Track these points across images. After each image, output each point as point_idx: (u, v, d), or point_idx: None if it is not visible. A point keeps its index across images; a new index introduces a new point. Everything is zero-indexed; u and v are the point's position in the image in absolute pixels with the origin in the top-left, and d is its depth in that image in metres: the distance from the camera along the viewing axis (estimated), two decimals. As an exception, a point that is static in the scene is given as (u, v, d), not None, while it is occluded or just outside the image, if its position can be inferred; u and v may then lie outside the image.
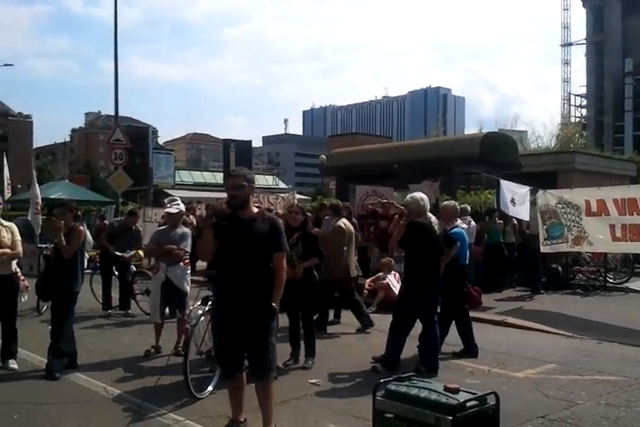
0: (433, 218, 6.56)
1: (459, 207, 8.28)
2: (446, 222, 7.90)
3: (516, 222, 12.86)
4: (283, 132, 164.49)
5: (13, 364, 6.42)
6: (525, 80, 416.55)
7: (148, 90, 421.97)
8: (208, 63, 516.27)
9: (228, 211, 4.52)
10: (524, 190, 11.17)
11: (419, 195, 6.65)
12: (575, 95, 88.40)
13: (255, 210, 4.56)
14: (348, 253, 8.59)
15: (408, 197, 6.82)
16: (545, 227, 10.76)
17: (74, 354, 6.48)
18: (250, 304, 4.34)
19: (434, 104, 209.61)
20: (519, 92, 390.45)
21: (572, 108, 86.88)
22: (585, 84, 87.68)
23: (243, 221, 4.45)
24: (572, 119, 69.87)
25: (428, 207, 6.62)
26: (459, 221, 11.18)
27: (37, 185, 14.80)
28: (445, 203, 8.36)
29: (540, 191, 10.96)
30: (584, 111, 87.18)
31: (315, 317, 7.31)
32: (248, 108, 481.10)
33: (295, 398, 5.40)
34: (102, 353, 7.17)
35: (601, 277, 13.12)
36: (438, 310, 6.79)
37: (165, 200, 9.64)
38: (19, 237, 6.50)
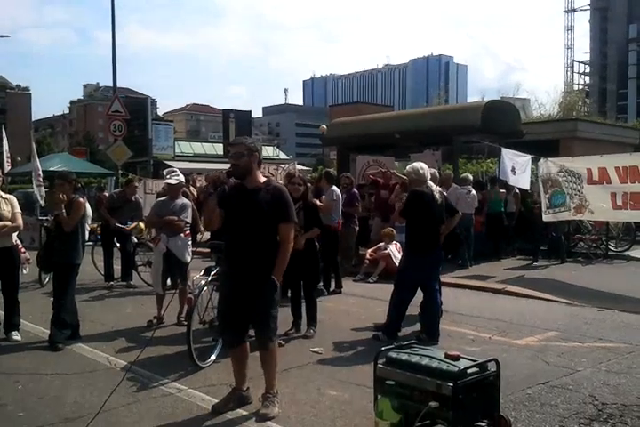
0: (434, 187, 6.53)
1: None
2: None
3: (517, 191, 12.83)
4: (283, 102, 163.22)
5: (16, 335, 6.46)
6: (528, 47, 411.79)
7: (147, 60, 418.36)
8: (206, 32, 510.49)
9: (226, 180, 4.47)
10: (525, 159, 11.09)
11: (418, 164, 6.62)
12: (578, 62, 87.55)
13: (262, 180, 4.49)
14: None
15: (408, 167, 6.79)
16: (547, 195, 10.72)
17: (76, 325, 6.52)
18: (253, 275, 4.32)
19: (436, 72, 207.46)
20: (522, 60, 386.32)
21: (576, 76, 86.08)
22: (589, 51, 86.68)
23: (246, 191, 4.39)
24: (575, 87, 69.12)
25: (429, 176, 6.58)
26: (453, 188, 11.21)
27: (37, 157, 14.73)
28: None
29: (542, 160, 10.88)
30: (587, 78, 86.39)
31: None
32: (248, 78, 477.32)
33: (297, 367, 5.44)
34: (105, 324, 7.21)
35: (602, 246, 13.13)
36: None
37: (164, 171, 9.61)
38: (19, 210, 6.49)
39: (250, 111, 27.86)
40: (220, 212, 4.42)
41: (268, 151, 45.82)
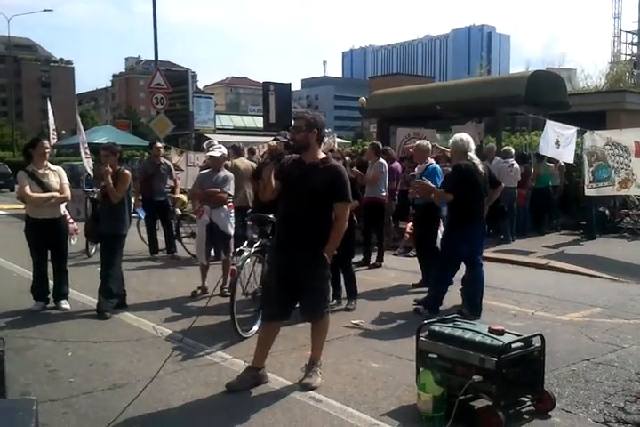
0: (476, 158, 6.38)
1: (430, 146, 8.12)
2: (419, 162, 7.80)
3: (563, 164, 12.55)
4: (322, 74, 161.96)
5: (65, 304, 6.64)
6: (574, 17, 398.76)
7: (187, 34, 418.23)
8: (243, 4, 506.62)
9: (283, 151, 4.43)
10: (570, 131, 10.81)
11: (458, 136, 6.46)
12: (626, 32, 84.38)
13: (321, 156, 4.44)
14: None
15: (449, 140, 6.66)
16: (591, 169, 10.46)
17: (123, 295, 6.67)
18: (304, 250, 4.31)
19: (478, 43, 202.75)
20: (568, 30, 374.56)
21: (623, 46, 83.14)
22: (637, 21, 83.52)
23: (304, 166, 4.36)
24: (623, 57, 66.83)
25: (472, 147, 6.42)
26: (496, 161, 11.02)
27: (83, 130, 14.94)
28: (418, 142, 8.20)
29: (588, 132, 10.60)
30: (635, 49, 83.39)
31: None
32: (286, 50, 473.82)
33: (339, 338, 5.48)
34: (150, 294, 7.37)
35: (650, 221, 12.82)
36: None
37: (204, 144, 9.65)
38: (66, 181, 6.61)
39: (290, 84, 27.57)
40: (275, 183, 4.40)
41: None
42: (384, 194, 9.25)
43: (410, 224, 10.71)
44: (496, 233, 11.50)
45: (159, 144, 10.97)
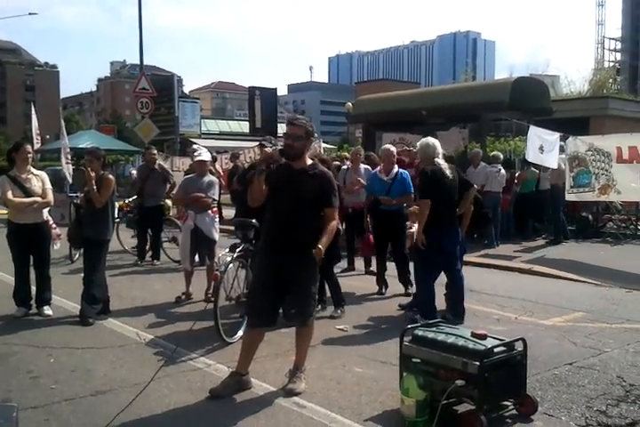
0: (443, 163, 6.27)
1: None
2: (387, 167, 7.75)
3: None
4: (308, 79, 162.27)
5: (48, 310, 6.59)
6: (558, 23, 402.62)
7: (173, 38, 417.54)
8: (232, 9, 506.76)
9: (279, 158, 4.45)
10: (554, 137, 10.89)
11: (425, 140, 6.33)
12: (609, 39, 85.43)
13: (309, 162, 4.47)
14: None
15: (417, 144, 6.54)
16: (572, 174, 10.55)
17: (106, 300, 6.62)
18: (292, 254, 4.31)
19: (463, 49, 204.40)
20: (551, 36, 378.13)
21: (606, 52, 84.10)
22: (620, 27, 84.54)
23: (293, 172, 4.38)
24: (606, 64, 67.55)
25: (440, 151, 6.31)
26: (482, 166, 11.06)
27: (66, 135, 14.85)
28: (384, 146, 8.17)
29: (571, 138, 10.69)
30: (618, 55, 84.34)
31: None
32: (273, 55, 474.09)
33: (323, 344, 5.48)
34: (134, 300, 7.33)
35: (632, 226, 12.95)
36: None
37: (189, 149, 9.63)
38: (49, 186, 6.57)
39: (275, 89, 27.67)
40: (265, 188, 4.39)
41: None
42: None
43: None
44: (480, 238, 11.55)
45: (153, 149, 10.75)
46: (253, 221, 5.67)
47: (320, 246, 4.26)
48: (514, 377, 3.85)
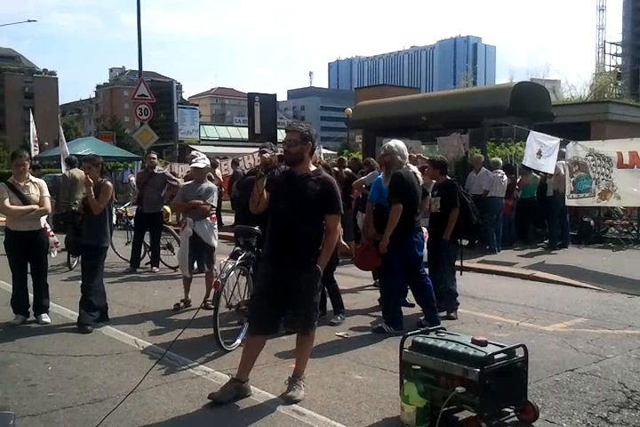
0: (412, 167, 6.23)
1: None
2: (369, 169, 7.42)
3: (563, 174, 12.50)
4: (308, 85, 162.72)
5: (46, 318, 6.55)
6: (559, 28, 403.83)
7: (172, 44, 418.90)
8: (231, 15, 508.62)
9: (278, 164, 4.42)
10: (553, 142, 10.88)
11: (393, 143, 6.25)
12: (610, 43, 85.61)
13: (312, 168, 4.43)
14: None
15: (383, 146, 6.40)
16: (572, 179, 10.53)
17: (105, 308, 6.58)
18: (296, 262, 4.28)
19: (463, 54, 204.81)
20: (552, 41, 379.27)
21: (607, 57, 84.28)
22: (621, 32, 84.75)
23: (295, 178, 4.34)
24: (607, 68, 67.69)
25: (407, 155, 6.25)
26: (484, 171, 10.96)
27: (66, 142, 14.87)
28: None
29: (571, 143, 10.68)
30: (619, 60, 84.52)
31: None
32: (272, 61, 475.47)
33: (323, 351, 5.44)
34: (132, 307, 7.29)
35: (634, 231, 12.91)
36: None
37: (188, 156, 9.61)
38: (47, 194, 6.56)
39: (275, 95, 27.66)
40: (267, 195, 4.36)
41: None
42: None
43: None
44: (482, 244, 11.51)
45: (153, 154, 10.65)
46: (256, 228, 5.62)
47: (318, 266, 4.26)
48: (515, 384, 3.82)
